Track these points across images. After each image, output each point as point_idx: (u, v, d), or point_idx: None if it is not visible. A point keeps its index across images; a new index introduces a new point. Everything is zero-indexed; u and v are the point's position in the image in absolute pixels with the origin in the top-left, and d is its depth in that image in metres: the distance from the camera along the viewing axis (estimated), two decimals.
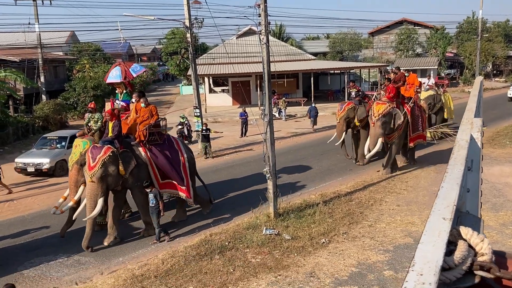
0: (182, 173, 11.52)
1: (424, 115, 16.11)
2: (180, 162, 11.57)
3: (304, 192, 13.72)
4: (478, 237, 1.32)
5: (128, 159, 10.51)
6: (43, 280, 9.05)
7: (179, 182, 11.33)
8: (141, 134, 11.05)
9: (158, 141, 11.39)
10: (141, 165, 10.86)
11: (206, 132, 18.72)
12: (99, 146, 10.27)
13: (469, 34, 46.45)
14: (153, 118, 11.33)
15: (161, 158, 11.20)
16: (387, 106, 14.10)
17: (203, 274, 8.80)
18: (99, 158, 9.94)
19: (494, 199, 12.20)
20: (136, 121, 11.27)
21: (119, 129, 10.68)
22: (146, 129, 11.06)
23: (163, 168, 11.18)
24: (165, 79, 65.92)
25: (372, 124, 14.25)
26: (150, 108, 11.50)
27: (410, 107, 15.11)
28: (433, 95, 19.74)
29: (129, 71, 12.38)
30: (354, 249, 9.65)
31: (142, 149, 11.03)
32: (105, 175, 10.05)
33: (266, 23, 11.50)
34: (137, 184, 10.78)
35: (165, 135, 11.81)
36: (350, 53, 51.95)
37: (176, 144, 11.92)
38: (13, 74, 24.14)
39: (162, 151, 11.32)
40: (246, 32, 36.03)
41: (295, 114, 28.88)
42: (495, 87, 38.96)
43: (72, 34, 43.77)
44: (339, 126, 16.28)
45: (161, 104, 37.93)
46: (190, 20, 18.03)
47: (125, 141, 10.95)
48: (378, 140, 14.09)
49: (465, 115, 2.91)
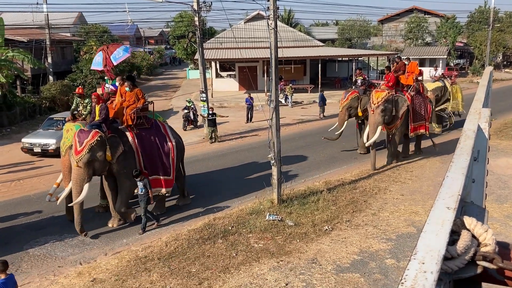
0: (170, 160, 11.20)
1: (429, 106, 15.81)
2: (169, 148, 11.24)
3: (308, 179, 13.73)
4: (482, 227, 1.31)
5: (116, 144, 10.23)
6: (48, 259, 9.18)
7: (164, 172, 11.04)
8: (128, 118, 10.78)
9: (145, 125, 11.12)
10: (128, 151, 10.54)
11: (213, 116, 18.72)
12: (87, 130, 9.96)
13: (480, 24, 45.85)
14: (140, 102, 11.04)
15: (148, 145, 10.94)
16: (387, 93, 13.94)
17: (206, 258, 8.87)
18: (86, 143, 9.66)
19: (499, 190, 12.16)
20: (122, 105, 10.97)
21: (106, 112, 10.38)
22: (134, 113, 10.79)
23: (150, 156, 10.90)
24: (172, 62, 65.84)
25: (372, 112, 14.06)
26: (135, 92, 11.14)
27: (411, 95, 14.92)
28: (440, 86, 19.28)
29: (109, 58, 11.97)
30: (356, 237, 9.68)
31: (129, 134, 10.76)
32: (91, 160, 9.77)
33: (275, 8, 11.39)
34: (124, 170, 10.43)
35: (152, 120, 11.49)
36: (358, 41, 51.50)
37: (163, 128, 11.57)
38: (20, 54, 24.14)
39: (150, 136, 11.05)
40: (254, 17, 35.73)
41: (301, 101, 28.76)
42: (505, 78, 38.54)
43: (80, 15, 43.64)
44: (341, 115, 15.96)
45: (167, 88, 37.94)
46: (198, 3, 17.88)
47: (113, 126, 10.64)
48: (377, 128, 13.94)
49: (473, 105, 2.88)
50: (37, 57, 27.20)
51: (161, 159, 11.07)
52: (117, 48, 12.43)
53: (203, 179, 13.90)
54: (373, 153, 14.41)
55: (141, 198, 10.29)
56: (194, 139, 19.32)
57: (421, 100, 15.43)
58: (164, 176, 11.06)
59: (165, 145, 11.22)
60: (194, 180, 13.79)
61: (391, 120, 14.29)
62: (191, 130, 21.26)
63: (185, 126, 21.25)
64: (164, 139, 11.28)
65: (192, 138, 19.47)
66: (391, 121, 14.31)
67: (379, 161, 15.15)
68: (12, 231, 10.35)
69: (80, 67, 30.52)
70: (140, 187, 10.24)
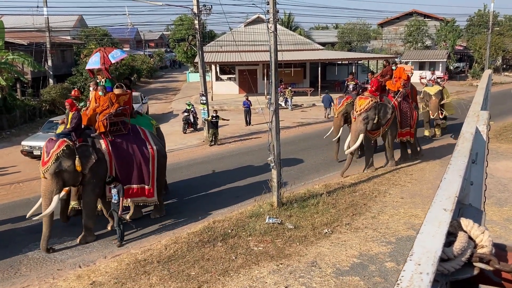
0: (150, 167, 10.62)
1: (414, 112, 15.42)
2: (149, 155, 10.61)
3: (308, 182, 13.73)
4: (478, 229, 1.31)
5: (87, 153, 9.67)
6: (47, 262, 9.16)
7: (142, 181, 10.53)
8: (100, 125, 10.11)
9: (122, 131, 10.50)
10: (101, 159, 9.93)
11: (216, 119, 18.75)
12: (54, 139, 9.52)
13: (480, 27, 45.97)
14: (114, 107, 10.37)
15: (124, 152, 10.32)
16: (370, 101, 13.57)
17: (205, 261, 8.86)
18: (52, 153, 9.19)
19: (499, 194, 12.15)
20: (95, 111, 10.38)
21: (77, 121, 9.78)
22: (106, 118, 10.10)
23: (126, 164, 10.30)
24: (172, 66, 65.94)
25: (354, 119, 13.79)
26: (109, 96, 10.54)
27: (398, 101, 14.57)
28: (441, 89, 19.10)
29: (107, 57, 11.83)
30: (356, 240, 9.67)
31: (103, 141, 10.13)
32: (59, 171, 9.27)
33: (275, 11, 11.42)
34: (92, 180, 9.86)
35: (129, 125, 10.84)
36: (358, 44, 51.62)
37: (143, 134, 10.94)
38: (21, 57, 24.18)
39: (126, 143, 10.43)
40: (254, 20, 35.79)
41: (301, 104, 28.79)
42: (505, 82, 38.56)
43: (80, 18, 43.74)
44: (337, 121, 15.64)
45: (167, 91, 37.97)
46: (198, 6, 17.93)
47: (85, 134, 10.07)
48: (359, 136, 13.68)
49: (471, 108, 2.88)
50: (37, 60, 27.23)
51: (139, 167, 10.48)
52: (114, 49, 12.53)
53: (203, 182, 13.90)
54: (349, 159, 14.09)
55: (114, 207, 9.81)
56: (194, 142, 19.33)
57: (407, 106, 15.07)
58: (142, 184, 10.55)
59: (145, 151, 10.59)
60: (194, 183, 13.80)
61: (375, 127, 14.01)
62: (191, 133, 21.28)
63: (185, 129, 21.29)
64: (143, 146, 10.68)
65: (192, 141, 19.49)
66: (375, 128, 14.03)
67: (378, 163, 15.16)
68: (11, 234, 10.34)
69: (80, 70, 30.52)
70: (114, 194, 9.75)
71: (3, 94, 22.45)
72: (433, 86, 19.32)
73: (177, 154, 17.39)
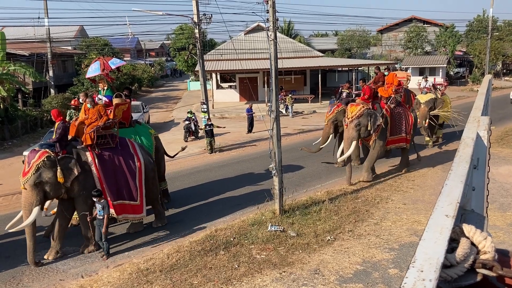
0: (137, 182, 10.37)
1: (410, 117, 14.88)
2: (136, 169, 10.35)
3: (310, 189, 13.70)
4: (481, 235, 1.31)
5: (70, 165, 9.41)
6: (49, 272, 9.14)
7: (130, 197, 10.26)
8: (87, 137, 9.84)
9: (110, 144, 10.20)
10: (87, 172, 9.72)
11: (210, 127, 18.85)
12: (37, 149, 9.37)
13: (479, 32, 46.13)
14: (102, 119, 10.14)
15: (111, 166, 10.06)
16: (361, 108, 13.33)
17: (208, 269, 8.83)
18: (33, 163, 9.03)
19: (501, 199, 12.11)
20: (84, 122, 10.17)
21: (61, 131, 9.54)
22: (94, 131, 9.84)
23: (113, 179, 10.04)
24: (172, 74, 66.14)
25: (346, 126, 13.55)
26: (98, 109, 10.34)
27: (390, 107, 14.24)
28: (433, 98, 18.32)
29: (107, 63, 12.01)
30: (359, 247, 9.63)
31: (89, 154, 9.88)
32: (39, 182, 9.07)
33: (274, 19, 11.47)
34: (82, 193, 9.65)
35: (117, 138, 10.53)
36: (358, 51, 51.79)
37: (132, 147, 10.63)
38: (22, 68, 24.31)
39: (114, 157, 10.16)
40: (254, 29, 35.94)
41: (302, 111, 28.83)
42: (505, 86, 38.60)
43: (81, 28, 43.98)
44: (326, 128, 15.25)
45: (168, 100, 38.06)
46: (199, 16, 18.04)
47: (70, 146, 9.82)
48: (352, 143, 13.46)
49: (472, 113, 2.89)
50: (39, 70, 27.37)
51: (126, 182, 10.24)
52: (113, 58, 12.80)
53: (205, 190, 13.88)
54: (348, 168, 13.87)
55: (100, 222, 9.54)
56: (195, 150, 19.35)
57: (401, 112, 14.67)
58: (129, 201, 10.29)
59: (132, 166, 10.31)
60: (195, 191, 13.78)
61: (368, 134, 13.74)
62: (192, 141, 21.30)
63: (186, 138, 21.33)
64: (131, 159, 10.38)
65: (193, 149, 19.49)
66: (368, 135, 13.76)
67: (379, 169, 15.13)
68: (13, 244, 10.32)
69: (82, 80, 30.71)
70: (99, 209, 9.46)
71: (5, 105, 22.54)
72: (426, 93, 18.70)
73: (178, 163, 17.40)
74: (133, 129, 12.14)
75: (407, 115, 14.83)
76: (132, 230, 10.91)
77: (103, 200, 9.56)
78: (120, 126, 11.86)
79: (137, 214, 10.49)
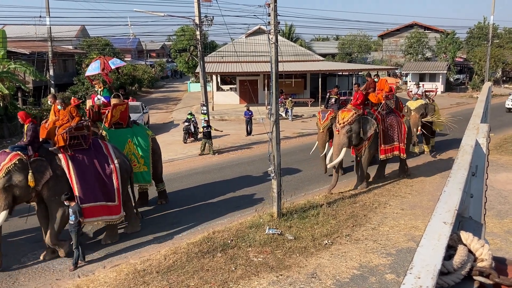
0: (114, 183, 10.06)
1: (403, 125, 14.41)
2: (111, 171, 10.06)
3: (308, 193, 13.70)
4: (478, 242, 1.32)
5: (42, 168, 9.12)
6: (45, 272, 9.12)
7: (107, 198, 9.92)
8: (60, 139, 9.50)
9: (83, 145, 9.86)
10: (59, 175, 9.40)
11: (207, 129, 18.85)
12: (7, 151, 9.03)
13: (480, 39, 46.23)
14: (74, 120, 9.86)
15: (85, 168, 9.72)
16: (353, 114, 12.99)
17: (205, 272, 8.82)
18: (3, 166, 8.71)
19: (499, 206, 12.12)
20: (55, 124, 9.89)
21: (32, 133, 9.17)
22: (66, 132, 9.50)
23: (87, 180, 9.67)
24: (173, 76, 66.20)
25: (337, 132, 13.09)
26: (69, 109, 10.05)
27: (381, 114, 13.90)
28: (424, 104, 17.77)
29: (107, 63, 12.04)
30: (356, 252, 9.63)
31: (62, 156, 9.53)
32: (9, 186, 8.76)
33: (276, 22, 11.49)
34: (55, 197, 9.30)
35: (90, 139, 10.19)
36: (359, 55, 51.88)
37: (105, 148, 10.32)
38: (22, 66, 24.29)
39: (87, 158, 9.84)
40: (255, 31, 36.02)
41: (302, 115, 28.85)
42: (505, 94, 38.63)
43: (82, 28, 44.00)
44: (322, 136, 14.76)
45: (168, 101, 38.07)
46: (200, 17, 18.07)
47: (43, 148, 9.47)
48: (342, 149, 13.04)
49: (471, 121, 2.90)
50: (39, 69, 27.34)
51: (101, 183, 9.92)
52: (114, 58, 12.90)
53: (203, 191, 13.88)
54: (335, 175, 13.51)
55: (71, 228, 9.18)
56: (194, 152, 19.33)
57: (393, 119, 14.23)
58: (106, 202, 9.92)
59: (106, 167, 10.04)
60: (194, 193, 13.78)
61: (359, 142, 13.45)
62: (191, 142, 21.30)
63: (185, 139, 21.32)
64: (105, 161, 10.10)
65: (192, 151, 19.49)
66: (358, 142, 13.47)
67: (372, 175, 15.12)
68: (9, 243, 10.29)
69: (82, 79, 30.68)
70: (70, 214, 9.15)
71: (5, 103, 22.53)
72: (416, 100, 18.25)
73: (177, 164, 17.40)
74: (131, 129, 12.15)
75: (400, 122, 14.38)
76: (130, 230, 10.89)
77: (75, 204, 9.19)
78: (118, 127, 11.90)
79: (114, 215, 10.10)
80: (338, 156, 13.08)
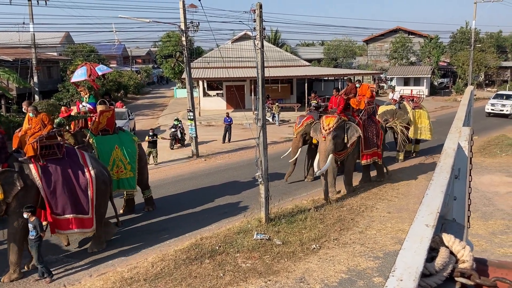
0: (89, 194, 9.55)
1: (380, 131, 14.69)
2: (86, 181, 9.54)
3: (296, 198, 13.73)
4: (459, 244, 1.34)
5: (11, 180, 8.64)
6: (30, 281, 8.96)
7: (79, 210, 9.45)
8: (29, 148, 9.02)
9: (56, 155, 9.35)
10: (29, 187, 8.87)
11: (153, 137, 18.00)
12: None
13: (462, 44, 46.97)
14: (46, 128, 9.42)
15: (57, 179, 9.22)
16: (338, 119, 12.93)
17: (193, 278, 8.77)
18: None
19: (484, 208, 12.28)
20: (27, 132, 9.48)
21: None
22: (37, 141, 9.02)
23: (59, 192, 9.21)
24: (159, 81, 65.94)
25: (323, 138, 12.87)
26: (41, 117, 9.62)
27: (362, 120, 13.95)
28: (391, 110, 17.37)
29: (94, 69, 11.91)
30: (344, 255, 9.67)
31: (33, 166, 9.02)
32: None
33: (261, 28, 11.55)
34: (18, 210, 8.73)
35: (65, 148, 9.68)
36: (344, 60, 52.26)
37: (82, 158, 9.79)
38: (6, 73, 23.97)
39: (61, 168, 9.32)
40: (241, 37, 36.12)
41: (288, 120, 28.94)
42: (487, 97, 39.27)
43: (67, 34, 43.61)
44: (295, 141, 14.66)
45: (154, 107, 37.88)
46: (186, 23, 18.05)
47: (12, 158, 8.96)
48: (328, 156, 12.82)
49: (453, 124, 2.94)
50: (23, 76, 27.03)
51: (74, 194, 9.41)
52: (100, 64, 12.75)
53: (190, 198, 13.82)
54: (325, 182, 13.32)
55: (32, 244, 8.68)
56: (181, 158, 19.26)
57: (373, 125, 14.44)
58: (78, 214, 9.45)
59: (81, 177, 9.51)
60: (181, 199, 13.71)
61: (342, 148, 13.43)
62: (178, 148, 21.22)
63: (172, 145, 21.23)
64: (80, 171, 9.57)
65: (179, 157, 19.41)
66: (342, 148, 13.45)
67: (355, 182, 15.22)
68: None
69: (67, 86, 30.40)
70: (30, 229, 8.59)
71: None
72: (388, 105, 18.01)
73: (164, 170, 17.30)
74: (117, 136, 12.09)
75: (378, 128, 14.59)
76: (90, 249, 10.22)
77: (35, 218, 8.64)
78: (104, 133, 11.83)
79: (86, 229, 9.67)
80: (326, 162, 12.94)
